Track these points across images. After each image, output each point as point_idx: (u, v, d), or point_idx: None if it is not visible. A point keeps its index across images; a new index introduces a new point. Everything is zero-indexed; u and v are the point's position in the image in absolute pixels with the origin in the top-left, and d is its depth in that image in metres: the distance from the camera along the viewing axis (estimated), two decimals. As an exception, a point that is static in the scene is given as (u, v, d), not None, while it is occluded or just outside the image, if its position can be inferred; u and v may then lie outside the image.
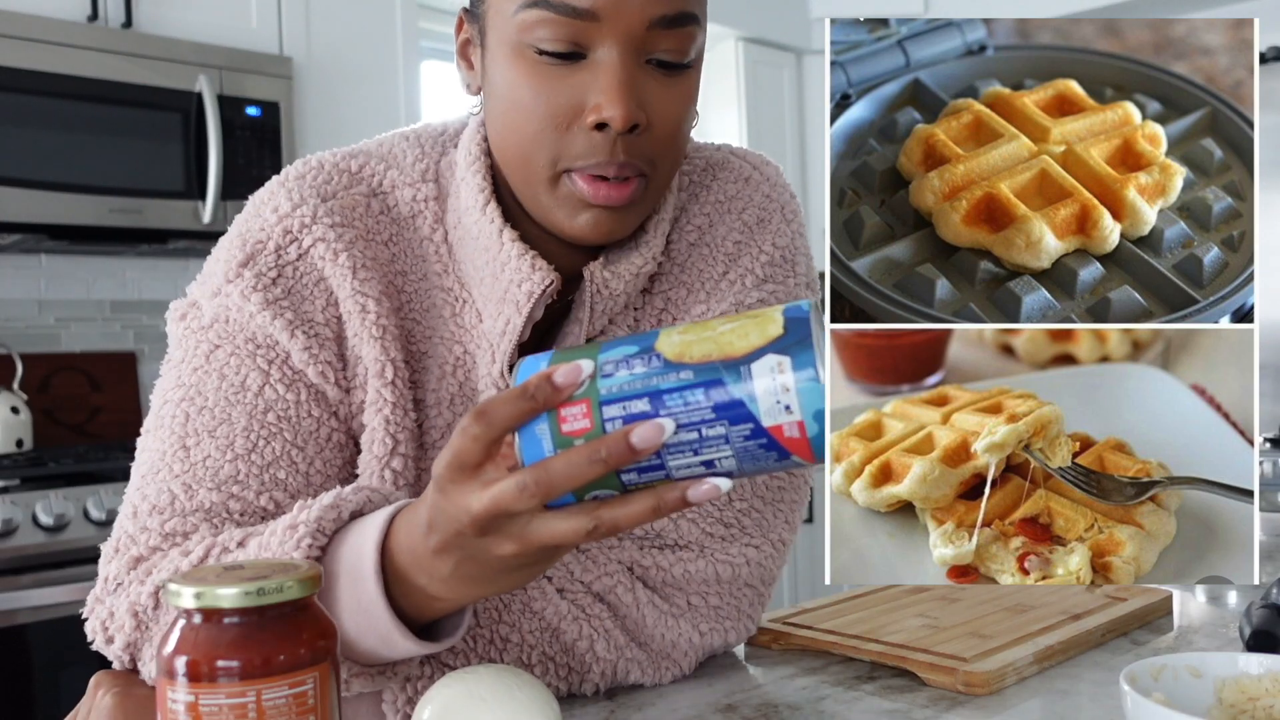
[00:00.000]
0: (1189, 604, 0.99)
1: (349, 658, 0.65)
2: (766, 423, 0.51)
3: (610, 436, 0.51)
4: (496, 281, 0.77)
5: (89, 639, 0.75)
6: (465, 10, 0.79)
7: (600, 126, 0.70)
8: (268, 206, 0.80)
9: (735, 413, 0.51)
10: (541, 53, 0.70)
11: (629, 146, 0.71)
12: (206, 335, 0.77)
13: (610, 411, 0.51)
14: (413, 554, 0.60)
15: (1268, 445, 1.32)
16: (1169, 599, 0.94)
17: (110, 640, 0.73)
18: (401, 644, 0.63)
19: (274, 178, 0.83)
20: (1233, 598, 1.01)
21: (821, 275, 0.88)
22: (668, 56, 0.72)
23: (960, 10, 4.31)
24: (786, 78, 4.34)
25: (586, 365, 0.52)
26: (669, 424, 0.51)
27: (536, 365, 0.54)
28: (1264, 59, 3.51)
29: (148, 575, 0.71)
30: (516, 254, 0.75)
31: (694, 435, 0.51)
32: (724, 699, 0.77)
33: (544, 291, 0.75)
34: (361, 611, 0.62)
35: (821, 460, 0.52)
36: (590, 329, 0.79)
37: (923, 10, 4.42)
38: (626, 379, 0.51)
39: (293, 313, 0.77)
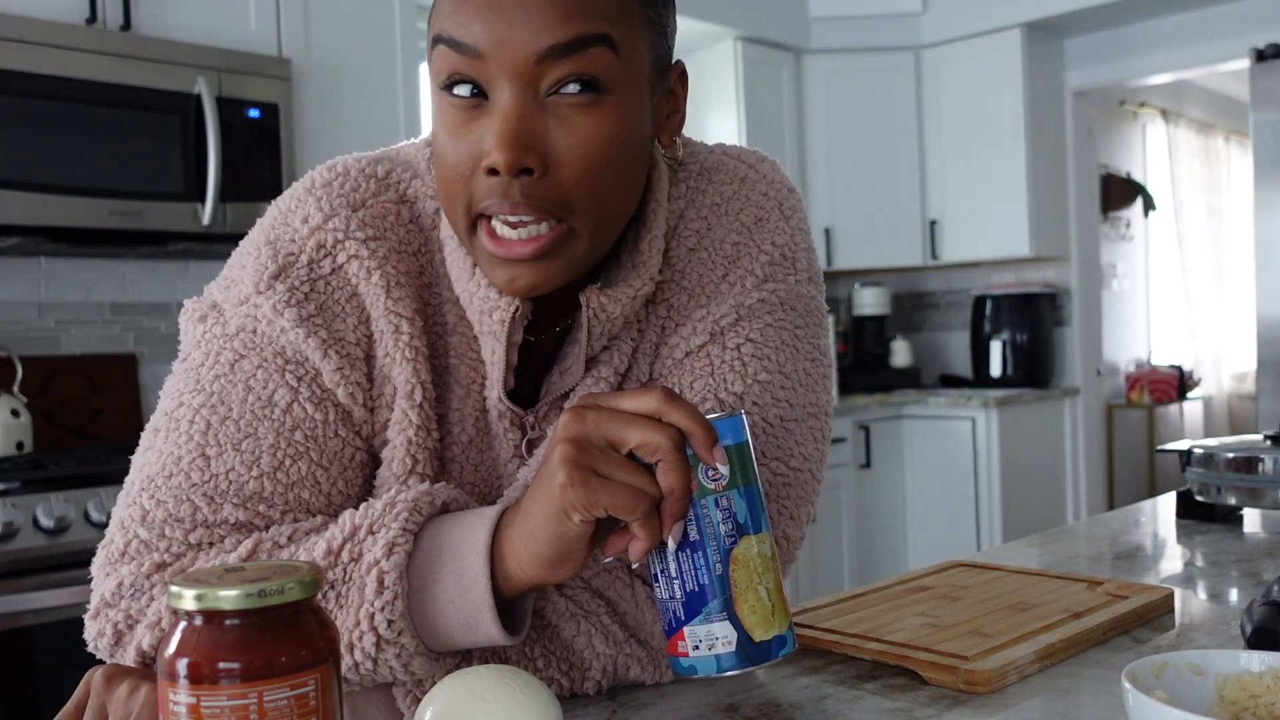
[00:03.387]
0: (1190, 601, 0.99)
1: (421, 634, 0.69)
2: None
3: (673, 501, 0.64)
4: (471, 309, 0.77)
5: (89, 645, 0.74)
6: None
7: (493, 171, 0.68)
8: (297, 216, 0.78)
9: (702, 592, 0.66)
10: (448, 91, 0.70)
11: (527, 189, 0.68)
12: (231, 343, 0.76)
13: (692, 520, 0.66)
14: (513, 528, 0.67)
15: (1268, 443, 1.32)
16: (1170, 596, 0.94)
17: (118, 642, 0.72)
18: (487, 624, 0.68)
19: (297, 184, 0.81)
20: (1234, 595, 1.01)
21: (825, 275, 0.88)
22: (571, 88, 0.68)
23: (959, 10, 4.30)
24: (785, 77, 4.34)
25: (718, 471, 0.66)
26: (675, 543, 0.65)
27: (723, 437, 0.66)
28: (1263, 57, 3.51)
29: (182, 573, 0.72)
30: (485, 284, 0.75)
31: (684, 562, 0.66)
32: (725, 699, 0.77)
33: (514, 318, 0.75)
34: (460, 588, 0.68)
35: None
36: (589, 349, 0.79)
37: (921, 9, 4.42)
38: (712, 521, 0.65)
39: (326, 331, 0.76)
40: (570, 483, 0.62)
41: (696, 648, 0.65)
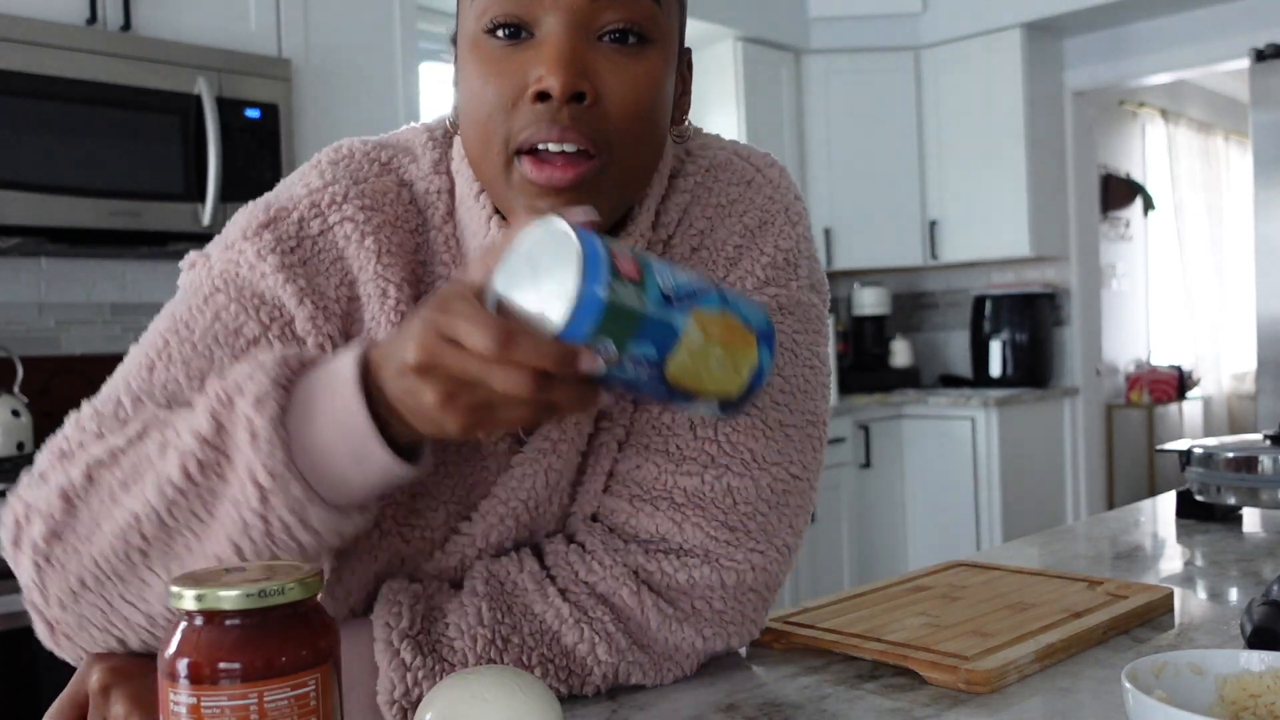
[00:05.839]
0: (1190, 601, 0.99)
1: (313, 483, 0.64)
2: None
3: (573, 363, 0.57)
4: None
5: None
6: (452, 38, 0.80)
7: (542, 97, 0.70)
8: (299, 183, 0.81)
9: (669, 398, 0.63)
10: (490, 33, 0.71)
11: (574, 116, 0.70)
12: (211, 279, 0.77)
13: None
14: (384, 358, 0.63)
15: (1268, 443, 1.32)
16: (1170, 596, 0.94)
17: (17, 534, 0.69)
18: (375, 450, 0.63)
19: (306, 162, 0.84)
20: (1234, 595, 1.01)
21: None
22: (617, 28, 0.71)
23: (959, 10, 4.31)
24: (785, 77, 4.34)
25: (599, 367, 0.58)
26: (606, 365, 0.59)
27: (595, 249, 0.57)
28: (1263, 57, 3.51)
29: (73, 459, 0.69)
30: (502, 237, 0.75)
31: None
32: (726, 698, 0.77)
33: None
34: (337, 423, 0.63)
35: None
36: None
37: (921, 9, 4.42)
38: (630, 375, 0.60)
39: (305, 281, 0.77)
40: (461, 427, 0.60)
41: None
